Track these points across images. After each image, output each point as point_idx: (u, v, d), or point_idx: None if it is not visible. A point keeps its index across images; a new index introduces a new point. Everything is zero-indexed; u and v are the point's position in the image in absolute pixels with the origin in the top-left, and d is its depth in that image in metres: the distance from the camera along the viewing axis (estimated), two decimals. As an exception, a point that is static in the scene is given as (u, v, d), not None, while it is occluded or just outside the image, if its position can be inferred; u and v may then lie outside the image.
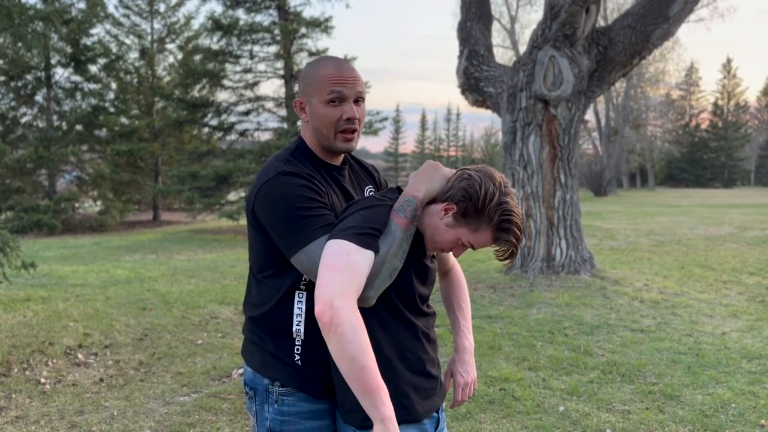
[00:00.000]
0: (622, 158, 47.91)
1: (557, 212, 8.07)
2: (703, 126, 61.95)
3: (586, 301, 6.78)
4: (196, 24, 22.51)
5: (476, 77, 8.83)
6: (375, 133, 18.87)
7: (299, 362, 1.68)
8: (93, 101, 19.72)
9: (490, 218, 1.61)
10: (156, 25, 22.69)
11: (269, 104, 18.68)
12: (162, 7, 22.54)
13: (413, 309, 1.68)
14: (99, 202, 20.81)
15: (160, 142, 21.55)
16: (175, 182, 18.40)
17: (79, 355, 5.21)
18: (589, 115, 46.59)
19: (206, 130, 21.01)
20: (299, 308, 1.67)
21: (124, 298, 7.29)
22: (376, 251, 1.55)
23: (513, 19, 42.94)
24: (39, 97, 19.14)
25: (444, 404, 1.81)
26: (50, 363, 5.00)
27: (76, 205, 19.60)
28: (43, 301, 6.96)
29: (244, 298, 1.82)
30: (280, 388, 1.68)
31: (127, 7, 22.18)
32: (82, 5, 18.90)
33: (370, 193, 1.86)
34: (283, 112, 18.42)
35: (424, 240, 1.69)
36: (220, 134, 19.89)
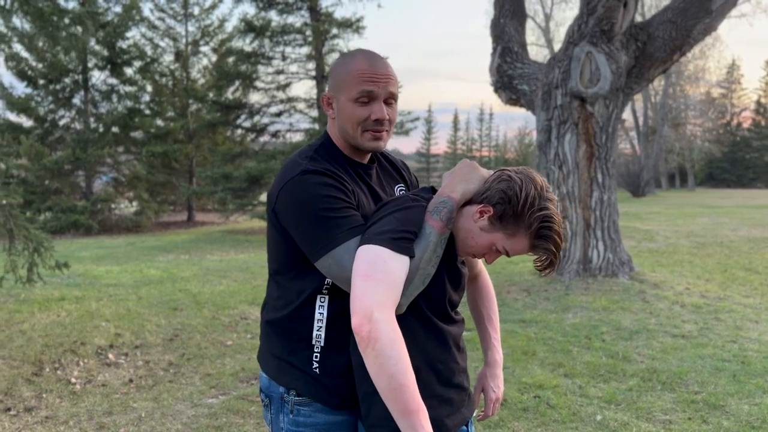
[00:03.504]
0: (661, 158, 46.86)
1: (594, 213, 7.85)
2: (745, 125, 60.22)
3: (624, 305, 6.56)
4: (229, 26, 22.74)
5: (510, 75, 8.65)
6: (406, 133, 18.78)
7: (317, 370, 1.58)
8: (129, 103, 20.05)
9: (528, 224, 1.49)
10: (190, 28, 22.95)
11: (301, 105, 18.75)
12: (196, 10, 22.81)
13: (443, 316, 1.57)
14: (135, 203, 21.13)
15: (195, 143, 21.79)
16: (208, 183, 18.59)
17: (110, 355, 5.22)
18: (627, 114, 45.71)
19: (239, 131, 21.18)
20: (320, 313, 1.57)
21: (155, 298, 7.32)
22: (412, 256, 1.45)
23: (547, 17, 42.37)
24: (77, 100, 19.53)
25: (473, 416, 1.70)
26: (81, 363, 5.02)
27: (112, 205, 19.94)
28: (76, 301, 7.03)
29: (263, 301, 1.74)
30: (296, 398, 1.59)
31: (162, 11, 22.48)
32: (117, 9, 19.24)
33: (401, 192, 1.75)
34: (314, 113, 18.45)
35: (455, 243, 1.58)
36: (252, 135, 20.03)
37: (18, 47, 18.11)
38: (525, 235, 1.51)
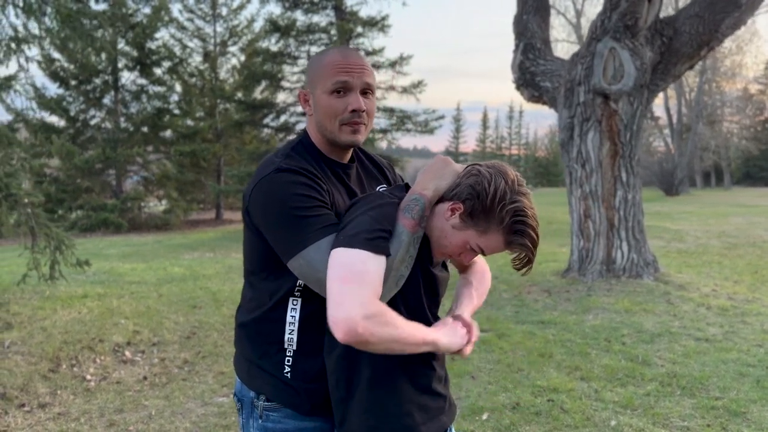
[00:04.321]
0: (696, 156, 45.80)
1: (618, 212, 7.67)
2: (784, 121, 58.52)
3: (647, 307, 6.40)
4: (257, 27, 22.86)
5: (532, 72, 8.51)
6: (431, 131, 18.67)
7: (288, 375, 1.54)
8: (158, 103, 20.33)
9: (500, 219, 1.43)
10: (218, 29, 23.17)
11: (326, 104, 18.78)
12: (224, 11, 23.01)
13: (420, 321, 1.52)
14: (164, 202, 21.43)
15: (223, 142, 22.01)
16: (235, 182, 18.76)
17: (127, 353, 5.27)
18: (661, 111, 44.79)
19: (266, 130, 21.31)
20: (292, 316, 1.53)
21: (176, 296, 7.38)
22: (389, 255, 1.40)
23: (578, 13, 41.73)
24: (107, 100, 19.87)
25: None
26: (98, 360, 5.07)
27: (142, 204, 20.25)
28: (98, 298, 7.12)
29: (239, 304, 1.70)
30: (265, 402, 1.55)
31: (191, 11, 22.73)
32: (147, 10, 19.51)
33: None
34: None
35: (430, 244, 1.52)
36: (280, 135, 20.16)
37: (48, 48, 18.49)
38: (498, 231, 1.45)
